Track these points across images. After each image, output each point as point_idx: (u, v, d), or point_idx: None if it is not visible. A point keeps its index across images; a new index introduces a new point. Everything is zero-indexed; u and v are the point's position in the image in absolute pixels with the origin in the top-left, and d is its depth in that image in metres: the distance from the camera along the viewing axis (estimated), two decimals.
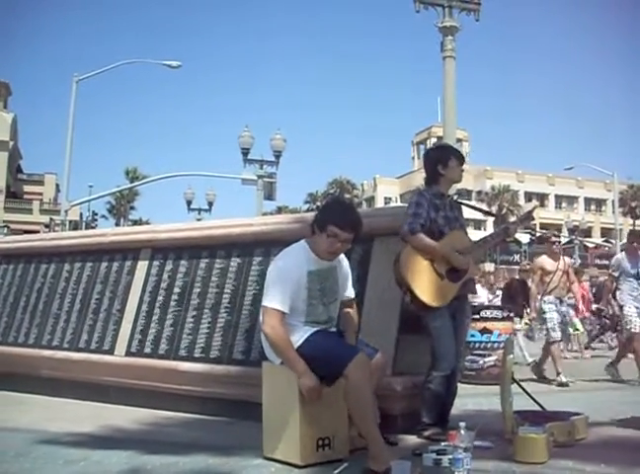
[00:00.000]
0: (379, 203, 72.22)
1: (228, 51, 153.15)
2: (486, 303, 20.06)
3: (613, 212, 52.68)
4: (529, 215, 5.13)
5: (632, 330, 8.56)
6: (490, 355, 8.92)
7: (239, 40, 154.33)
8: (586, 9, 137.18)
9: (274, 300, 4.00)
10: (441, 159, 5.03)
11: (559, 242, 9.47)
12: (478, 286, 19.21)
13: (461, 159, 5.09)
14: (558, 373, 8.57)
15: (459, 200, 5.32)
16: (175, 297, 6.38)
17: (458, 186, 6.84)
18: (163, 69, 27.53)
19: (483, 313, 9.37)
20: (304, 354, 3.95)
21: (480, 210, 6.74)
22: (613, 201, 52.18)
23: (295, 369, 3.91)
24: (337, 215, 4.13)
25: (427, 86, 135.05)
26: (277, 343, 3.98)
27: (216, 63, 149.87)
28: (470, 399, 6.63)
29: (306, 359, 3.93)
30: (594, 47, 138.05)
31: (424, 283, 4.71)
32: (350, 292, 4.44)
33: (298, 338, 4.03)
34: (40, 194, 67.64)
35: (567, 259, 9.58)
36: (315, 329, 4.10)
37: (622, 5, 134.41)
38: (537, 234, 50.06)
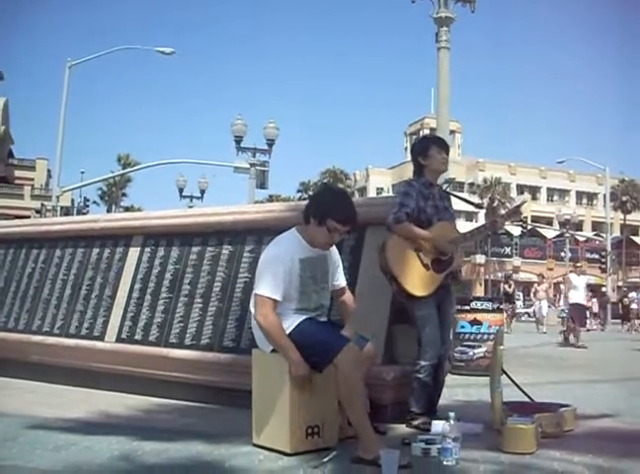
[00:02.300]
0: (371, 194, 72.17)
1: (223, 41, 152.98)
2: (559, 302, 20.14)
3: (605, 206, 52.83)
4: (518, 210, 5.10)
5: None
6: (480, 347, 8.95)
7: (234, 31, 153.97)
8: (580, 2, 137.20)
9: (266, 288, 4.01)
10: (421, 150, 5.04)
11: None
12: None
13: (442, 147, 5.05)
14: None
15: (448, 191, 5.31)
16: (166, 284, 6.38)
17: (451, 174, 6.79)
18: (157, 57, 27.52)
19: (473, 304, 9.39)
20: (294, 341, 3.95)
21: (468, 202, 6.59)
22: (605, 195, 52.32)
23: (288, 357, 3.92)
24: (337, 210, 4.10)
25: (421, 77, 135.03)
26: (270, 331, 3.98)
27: (211, 52, 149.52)
28: (460, 389, 6.66)
29: (296, 347, 3.93)
30: (588, 41, 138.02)
31: (408, 273, 4.73)
32: (341, 281, 4.44)
33: (288, 325, 4.03)
34: (32, 179, 67.29)
35: None
36: (305, 316, 4.11)
37: None
38: (528, 227, 50.25)
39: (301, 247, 4.16)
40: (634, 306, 30.35)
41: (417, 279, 4.74)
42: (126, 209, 64.55)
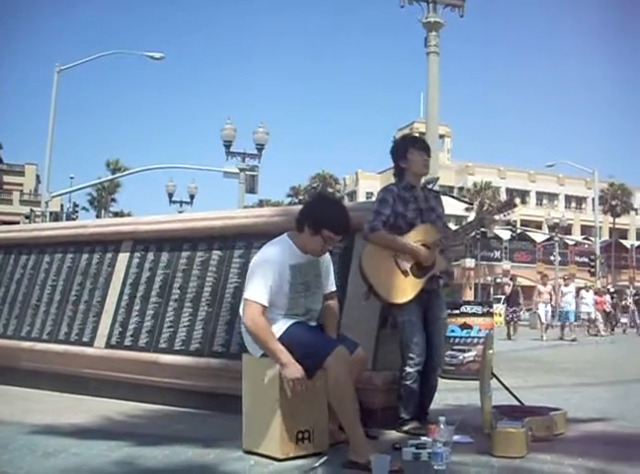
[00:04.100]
0: (361, 198, 72.10)
1: (212, 46, 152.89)
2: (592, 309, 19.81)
3: (593, 210, 53.05)
4: (507, 205, 5.03)
5: None
6: (470, 351, 8.95)
7: (223, 36, 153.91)
8: (569, 6, 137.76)
9: (255, 293, 4.00)
10: (400, 153, 4.96)
11: None
12: (583, 291, 19.09)
13: (423, 148, 4.97)
14: None
15: (436, 189, 5.24)
16: (156, 289, 6.36)
17: (440, 178, 6.75)
18: (146, 62, 27.55)
19: (463, 308, 9.39)
20: (284, 345, 3.94)
21: (455, 198, 6.65)
22: (594, 199, 52.56)
23: (279, 360, 3.90)
24: (333, 221, 4.11)
25: (410, 81, 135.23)
26: (258, 334, 3.97)
27: (200, 57, 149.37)
28: (450, 394, 6.66)
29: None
30: (577, 45, 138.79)
31: (385, 280, 4.70)
32: (331, 286, 4.43)
33: (277, 329, 4.02)
34: (21, 184, 67.07)
35: None
36: (294, 320, 4.10)
37: (606, 3, 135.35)
38: (518, 231, 50.39)
39: (292, 253, 4.15)
40: None
41: (395, 287, 4.70)
42: (116, 215, 64.36)
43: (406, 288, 4.71)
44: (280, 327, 4.04)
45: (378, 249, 4.73)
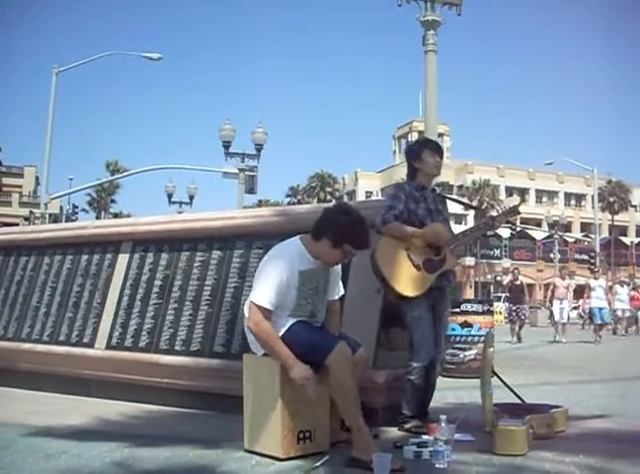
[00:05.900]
0: (360, 197, 72.05)
1: (210, 46, 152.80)
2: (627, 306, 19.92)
3: (593, 207, 53.06)
4: (515, 209, 5.12)
5: None
6: (470, 349, 8.95)
7: (221, 36, 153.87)
8: (568, 4, 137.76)
9: (261, 297, 3.98)
10: (415, 153, 5.06)
11: None
12: (617, 286, 18.19)
13: (436, 150, 5.08)
14: None
15: (444, 194, 5.33)
16: (156, 290, 6.36)
17: (442, 178, 6.82)
18: (145, 63, 27.55)
19: (464, 307, 9.39)
20: (287, 344, 3.95)
21: (464, 204, 6.76)
22: (593, 197, 52.57)
23: (286, 363, 3.90)
24: (356, 237, 4.12)
25: (408, 80, 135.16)
26: (263, 338, 3.97)
27: (198, 58, 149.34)
28: (451, 392, 6.66)
29: (289, 349, 3.93)
30: (575, 43, 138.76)
31: (399, 274, 4.74)
32: (339, 291, 4.45)
33: (280, 328, 4.02)
34: (20, 186, 67.09)
35: None
36: (297, 319, 4.10)
37: (604, 1, 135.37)
38: (518, 229, 50.39)
39: (303, 259, 4.13)
40: None
41: (407, 280, 4.74)
42: (115, 216, 64.35)
43: (418, 283, 4.76)
44: (283, 325, 4.04)
45: (392, 242, 4.78)
